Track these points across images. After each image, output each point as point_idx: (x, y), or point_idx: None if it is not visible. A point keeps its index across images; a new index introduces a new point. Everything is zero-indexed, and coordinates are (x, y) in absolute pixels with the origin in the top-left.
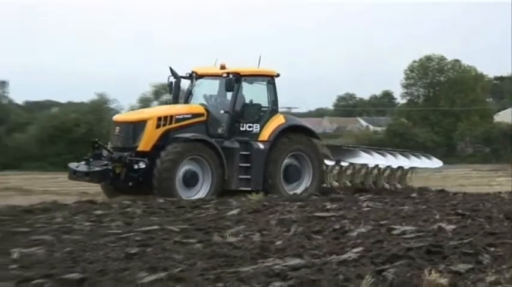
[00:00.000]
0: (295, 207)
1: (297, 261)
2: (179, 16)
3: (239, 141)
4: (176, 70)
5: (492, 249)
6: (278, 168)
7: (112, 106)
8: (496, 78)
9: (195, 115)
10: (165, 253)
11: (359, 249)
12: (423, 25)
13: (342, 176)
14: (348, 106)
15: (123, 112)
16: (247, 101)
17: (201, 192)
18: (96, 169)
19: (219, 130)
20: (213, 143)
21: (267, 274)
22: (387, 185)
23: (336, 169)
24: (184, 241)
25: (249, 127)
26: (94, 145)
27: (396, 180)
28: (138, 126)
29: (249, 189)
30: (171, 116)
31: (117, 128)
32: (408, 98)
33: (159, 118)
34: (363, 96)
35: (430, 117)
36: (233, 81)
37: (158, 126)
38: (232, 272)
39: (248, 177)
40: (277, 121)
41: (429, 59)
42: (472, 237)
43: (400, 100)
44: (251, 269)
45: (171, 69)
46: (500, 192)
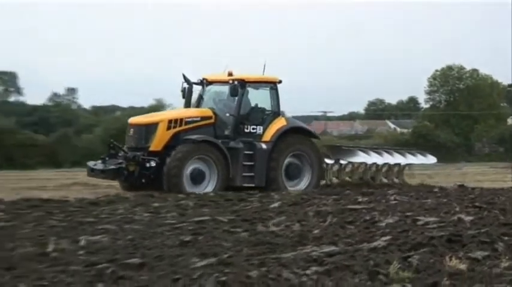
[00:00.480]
0: (330, 200)
1: (332, 248)
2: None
3: (243, 141)
4: (189, 77)
5: (506, 238)
6: (280, 166)
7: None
8: (510, 85)
9: (204, 118)
10: (215, 241)
11: (387, 238)
12: (444, 36)
13: (342, 173)
14: (378, 110)
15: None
16: (252, 105)
17: (208, 188)
18: (111, 167)
19: (226, 132)
20: (219, 144)
21: (306, 260)
22: (385, 180)
23: (336, 167)
24: (232, 230)
25: (253, 129)
26: (110, 146)
27: (394, 175)
28: (151, 128)
29: (252, 185)
30: (181, 119)
31: (131, 130)
32: (431, 103)
33: (170, 121)
34: (391, 101)
35: (451, 120)
36: (238, 87)
37: (169, 128)
38: (274, 258)
39: (252, 174)
40: (279, 123)
41: (450, 69)
42: (488, 227)
43: (424, 105)
44: (291, 255)
45: (184, 76)
46: None
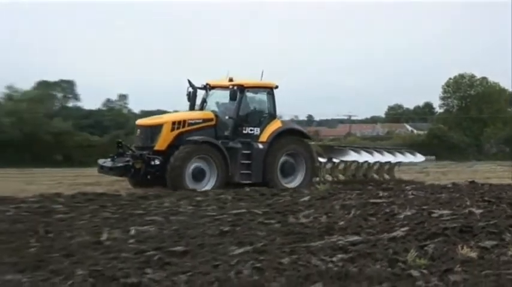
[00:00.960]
0: (354, 195)
1: (356, 238)
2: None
3: (242, 142)
4: (194, 82)
5: None
6: (275, 164)
7: None
8: None
9: (206, 120)
10: (251, 231)
11: (405, 228)
12: (460, 48)
13: (335, 170)
14: (397, 114)
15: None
16: (251, 108)
17: (208, 185)
18: (119, 165)
19: (226, 133)
20: (219, 144)
21: (332, 248)
22: (376, 176)
23: (329, 165)
24: (266, 222)
25: (251, 130)
26: (118, 145)
27: (385, 172)
28: (156, 129)
29: (250, 182)
30: (184, 121)
31: (138, 131)
32: (445, 108)
33: (174, 122)
34: (409, 106)
35: (463, 123)
36: (237, 92)
37: (173, 129)
38: (304, 246)
39: (249, 172)
40: (275, 125)
41: (462, 77)
42: (497, 219)
43: (438, 109)
44: (319, 244)
45: (189, 81)
46: None
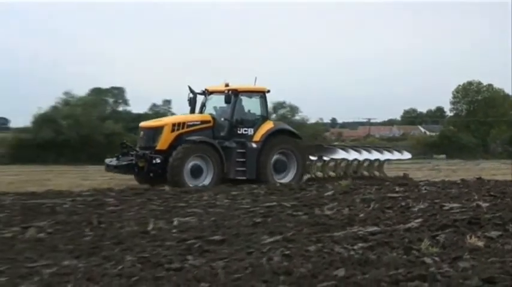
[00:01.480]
0: (373, 190)
1: (375, 228)
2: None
3: (237, 141)
4: (193, 88)
5: None
6: (268, 162)
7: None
8: None
9: (203, 122)
10: (281, 222)
11: (419, 220)
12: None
13: (326, 168)
14: (411, 117)
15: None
16: (246, 111)
17: (205, 181)
18: (123, 163)
19: (222, 133)
20: (215, 144)
21: (353, 237)
22: (366, 173)
23: (319, 163)
24: (294, 213)
25: (245, 131)
26: (122, 145)
27: (374, 169)
28: (157, 130)
29: (244, 178)
30: (184, 123)
31: (141, 132)
32: (455, 112)
33: (174, 124)
34: (422, 110)
35: (471, 126)
36: (231, 96)
37: (173, 130)
38: (328, 236)
39: (244, 169)
40: (267, 126)
41: (470, 84)
42: (501, 212)
43: (449, 113)
44: (342, 234)
45: (190, 87)
46: None
